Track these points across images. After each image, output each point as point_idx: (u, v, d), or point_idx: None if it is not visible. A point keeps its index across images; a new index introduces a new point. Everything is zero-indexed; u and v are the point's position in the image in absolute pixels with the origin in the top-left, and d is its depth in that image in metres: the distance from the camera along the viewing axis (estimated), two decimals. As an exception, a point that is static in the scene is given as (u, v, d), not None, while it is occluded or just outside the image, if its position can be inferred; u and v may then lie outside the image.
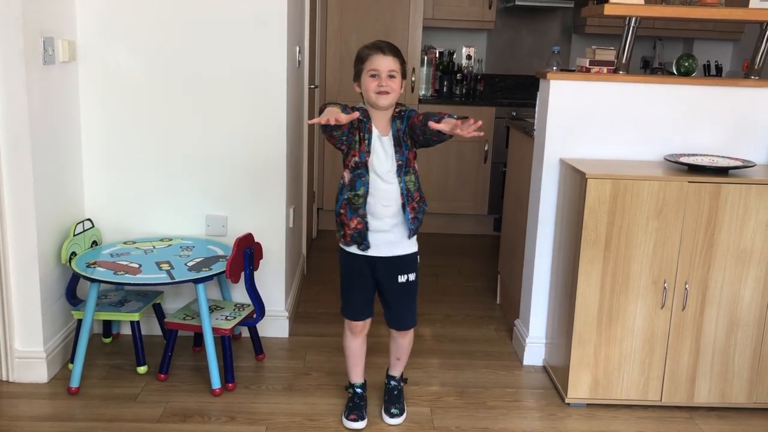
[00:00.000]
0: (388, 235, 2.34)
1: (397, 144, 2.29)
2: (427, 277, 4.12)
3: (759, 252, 2.55)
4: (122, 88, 2.96)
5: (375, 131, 2.29)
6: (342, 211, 2.33)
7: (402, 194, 2.31)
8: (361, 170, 2.28)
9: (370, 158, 2.28)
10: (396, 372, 2.60)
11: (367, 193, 2.29)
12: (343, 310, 2.49)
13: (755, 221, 2.52)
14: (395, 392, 2.58)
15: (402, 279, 2.40)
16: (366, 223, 2.31)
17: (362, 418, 2.50)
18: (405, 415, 2.55)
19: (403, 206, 2.32)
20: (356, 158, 2.28)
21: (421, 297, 3.69)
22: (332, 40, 4.89)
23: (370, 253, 2.35)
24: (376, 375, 2.74)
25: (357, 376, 2.57)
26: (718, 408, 2.69)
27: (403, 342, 2.53)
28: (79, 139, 2.98)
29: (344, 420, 2.51)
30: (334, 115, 2.08)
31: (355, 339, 2.51)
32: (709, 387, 2.66)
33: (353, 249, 2.37)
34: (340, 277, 2.46)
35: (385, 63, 2.24)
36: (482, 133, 2.10)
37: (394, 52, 2.27)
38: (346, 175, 2.31)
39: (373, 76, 2.24)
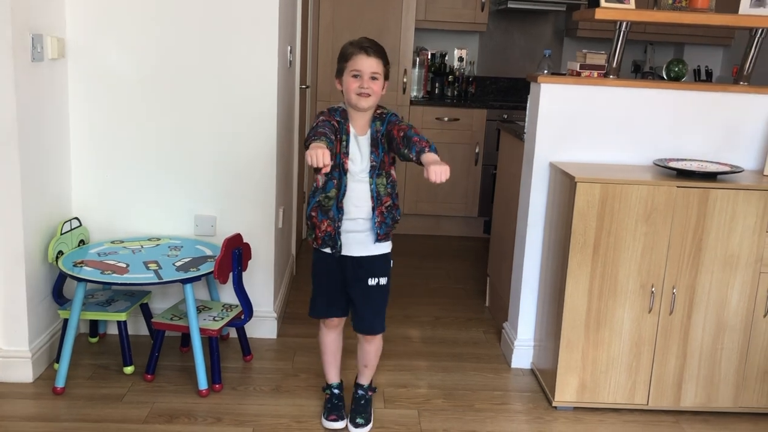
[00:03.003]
0: (360, 236, 2.31)
1: (374, 145, 2.27)
2: (416, 279, 4.12)
3: (746, 257, 2.56)
4: (111, 86, 2.95)
5: (352, 131, 2.27)
6: (313, 213, 2.31)
7: (372, 197, 2.28)
8: (334, 172, 2.24)
9: (348, 159, 2.25)
10: (364, 380, 2.55)
11: (341, 194, 2.25)
12: (311, 311, 2.46)
13: (743, 226, 2.54)
14: (362, 401, 2.54)
15: (372, 282, 2.36)
16: (336, 226, 2.28)
17: (342, 419, 2.49)
18: (371, 424, 2.51)
19: (372, 209, 2.29)
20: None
21: (409, 299, 3.68)
22: (324, 40, 4.88)
23: (342, 252, 2.33)
24: (351, 376, 2.73)
25: (333, 377, 2.56)
26: (704, 412, 2.70)
27: (369, 348, 2.48)
28: (68, 137, 2.96)
29: (324, 421, 2.49)
30: (321, 158, 1.98)
31: (330, 333, 2.49)
32: (696, 391, 2.67)
33: (326, 249, 2.34)
34: (311, 276, 2.43)
35: (368, 64, 2.21)
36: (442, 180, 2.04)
37: (379, 53, 2.24)
38: (320, 178, 2.28)
39: (355, 76, 2.21)
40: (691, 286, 2.58)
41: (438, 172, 2.03)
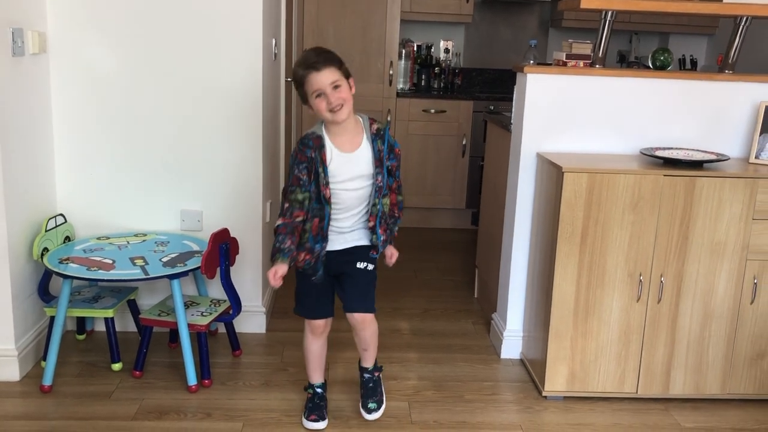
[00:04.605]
0: (346, 235, 2.33)
1: (380, 165, 2.25)
2: (406, 271, 4.12)
3: (732, 245, 2.57)
4: (95, 81, 2.91)
5: (334, 150, 2.23)
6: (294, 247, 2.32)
7: (375, 215, 2.30)
8: (314, 203, 2.24)
9: (328, 189, 2.22)
10: (368, 363, 2.53)
11: (325, 223, 2.25)
12: (299, 309, 2.42)
13: (729, 214, 2.55)
14: (370, 384, 2.53)
15: (361, 265, 2.35)
16: (316, 254, 2.28)
17: (323, 419, 2.46)
18: (384, 406, 2.52)
19: (374, 228, 2.31)
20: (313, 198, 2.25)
21: (399, 291, 3.68)
22: (309, 32, 4.86)
23: (326, 247, 2.32)
24: (348, 370, 2.73)
25: (317, 377, 2.53)
26: (692, 399, 2.72)
27: (364, 335, 2.45)
28: (51, 133, 2.93)
29: (304, 421, 2.47)
30: (282, 273, 2.25)
31: (317, 341, 2.46)
32: (684, 378, 2.68)
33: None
34: (295, 275, 2.40)
35: (323, 78, 2.14)
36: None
37: (327, 61, 2.16)
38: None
39: (318, 96, 2.16)
40: (678, 274, 2.59)
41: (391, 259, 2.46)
